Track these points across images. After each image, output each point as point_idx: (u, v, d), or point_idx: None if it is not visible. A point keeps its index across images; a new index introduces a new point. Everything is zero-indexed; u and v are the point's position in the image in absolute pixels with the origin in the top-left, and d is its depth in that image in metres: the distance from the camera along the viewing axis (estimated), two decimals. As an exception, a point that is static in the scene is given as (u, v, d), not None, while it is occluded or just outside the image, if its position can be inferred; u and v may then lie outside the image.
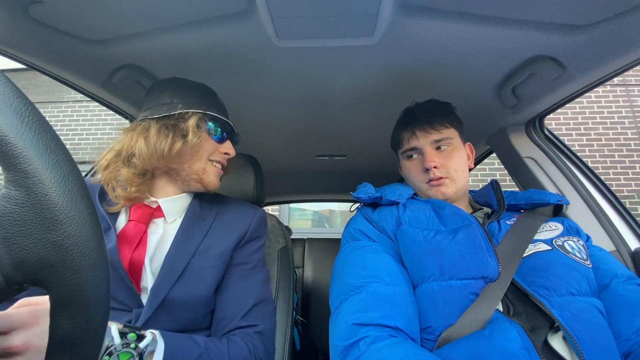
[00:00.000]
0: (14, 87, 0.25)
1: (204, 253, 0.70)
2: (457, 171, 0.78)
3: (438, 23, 0.69)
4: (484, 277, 0.62)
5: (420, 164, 0.80)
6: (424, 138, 0.80)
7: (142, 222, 0.69)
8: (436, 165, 0.77)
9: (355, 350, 0.54)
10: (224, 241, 0.73)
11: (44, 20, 0.68)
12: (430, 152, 0.79)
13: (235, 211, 0.80)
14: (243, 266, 0.74)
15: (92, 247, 0.25)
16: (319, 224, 4.36)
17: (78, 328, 0.25)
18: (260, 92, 1.00)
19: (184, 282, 0.65)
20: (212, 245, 0.72)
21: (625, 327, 0.58)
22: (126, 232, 0.67)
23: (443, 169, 0.77)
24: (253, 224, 0.78)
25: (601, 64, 0.73)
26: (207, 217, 0.76)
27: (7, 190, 0.23)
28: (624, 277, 0.65)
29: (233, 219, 0.78)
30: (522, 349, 0.51)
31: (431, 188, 0.79)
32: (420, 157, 0.81)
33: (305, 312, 1.80)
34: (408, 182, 0.87)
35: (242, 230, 0.76)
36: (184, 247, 0.69)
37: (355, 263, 0.68)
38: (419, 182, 0.81)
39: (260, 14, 0.66)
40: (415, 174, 0.82)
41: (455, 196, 0.79)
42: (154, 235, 0.70)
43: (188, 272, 0.67)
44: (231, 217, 0.79)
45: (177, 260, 0.67)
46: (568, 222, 0.76)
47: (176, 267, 0.66)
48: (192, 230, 0.72)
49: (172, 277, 0.65)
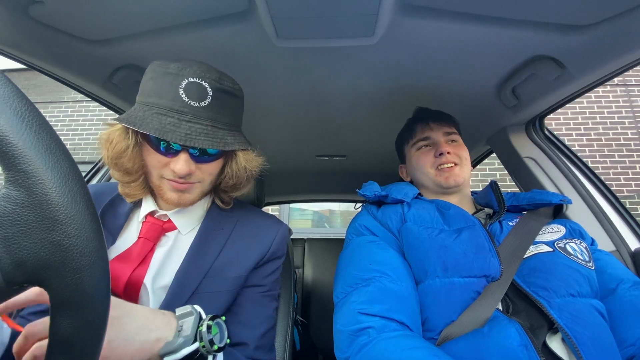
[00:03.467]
0: (14, 87, 0.25)
1: (218, 274, 0.63)
2: (466, 159, 0.85)
3: (438, 23, 0.69)
4: (486, 276, 0.62)
5: (431, 152, 0.85)
6: (437, 129, 0.86)
7: (151, 239, 0.63)
8: (449, 151, 0.82)
9: (365, 336, 0.55)
10: (241, 262, 0.65)
11: (44, 20, 0.68)
12: (443, 141, 0.84)
13: (256, 223, 0.72)
14: (258, 288, 0.67)
15: (92, 248, 0.25)
16: (319, 224, 4.36)
17: (78, 328, 0.25)
18: (260, 92, 1.00)
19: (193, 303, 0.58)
20: (228, 265, 0.64)
21: (631, 332, 0.59)
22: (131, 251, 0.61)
23: (455, 156, 0.83)
24: (275, 243, 0.70)
25: (601, 64, 0.73)
26: (225, 225, 0.69)
27: (7, 190, 0.23)
28: (630, 282, 0.65)
29: (253, 233, 0.70)
30: (520, 346, 0.51)
31: (442, 174, 0.82)
32: (432, 147, 0.86)
33: (305, 312, 1.80)
34: (415, 174, 0.89)
35: (262, 250, 0.68)
36: (197, 265, 0.62)
37: (362, 257, 0.70)
38: (429, 168, 0.84)
39: (260, 14, 0.66)
40: (425, 162, 0.85)
41: (462, 184, 0.82)
42: (161, 249, 0.63)
43: (199, 294, 0.60)
44: (251, 229, 0.70)
45: (188, 280, 0.60)
46: (571, 225, 0.76)
47: (187, 288, 0.60)
48: (207, 243, 0.65)
49: (181, 299, 0.59)
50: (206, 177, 0.63)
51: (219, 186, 0.70)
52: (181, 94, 0.56)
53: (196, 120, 0.56)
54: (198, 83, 0.56)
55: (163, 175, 0.60)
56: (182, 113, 0.56)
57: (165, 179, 0.60)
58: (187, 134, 0.54)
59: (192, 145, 0.54)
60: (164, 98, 0.56)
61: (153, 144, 0.58)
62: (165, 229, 0.65)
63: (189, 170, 0.58)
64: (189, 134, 0.54)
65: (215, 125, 0.58)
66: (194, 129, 0.55)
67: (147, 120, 0.55)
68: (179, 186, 0.60)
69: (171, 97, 0.56)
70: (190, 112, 0.56)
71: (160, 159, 0.59)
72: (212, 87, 0.58)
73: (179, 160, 0.57)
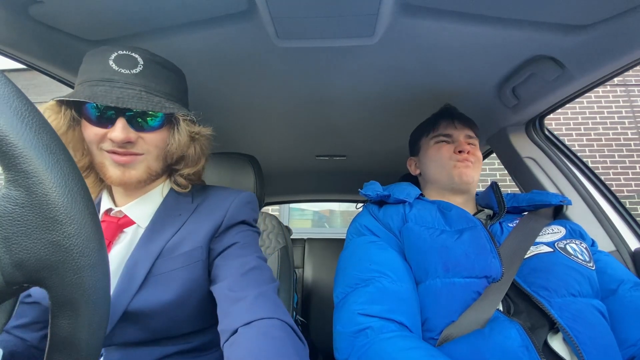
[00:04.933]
0: (14, 87, 0.25)
1: (169, 254, 0.60)
2: (479, 163, 0.86)
3: (438, 23, 0.69)
4: (487, 277, 0.62)
5: (451, 148, 0.86)
6: (461, 129, 0.86)
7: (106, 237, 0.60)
8: (469, 150, 0.83)
9: (363, 337, 0.55)
10: (193, 236, 0.62)
11: (44, 20, 0.68)
12: (464, 141, 0.86)
13: (214, 199, 0.68)
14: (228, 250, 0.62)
15: (92, 248, 0.25)
16: (319, 224, 4.36)
17: (78, 328, 0.25)
18: (261, 92, 1.00)
19: (147, 290, 0.56)
20: (180, 242, 0.61)
21: (632, 332, 0.59)
22: None
23: (472, 156, 0.84)
24: (231, 209, 0.66)
25: (601, 64, 0.73)
26: (183, 211, 0.65)
27: (7, 190, 0.23)
28: (630, 283, 0.66)
29: (211, 208, 0.66)
30: (521, 347, 0.51)
31: (458, 168, 0.82)
32: (451, 145, 0.86)
33: (305, 313, 1.80)
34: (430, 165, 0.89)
35: (217, 220, 0.64)
36: (147, 249, 0.59)
37: (362, 257, 0.70)
38: (447, 161, 0.84)
39: (261, 14, 0.66)
40: (444, 156, 0.85)
41: (472, 185, 0.83)
42: (118, 246, 0.60)
43: (153, 277, 0.57)
44: (209, 206, 0.66)
45: (137, 266, 0.57)
46: (571, 225, 0.76)
47: (137, 275, 0.57)
48: (161, 229, 0.62)
49: (132, 286, 0.56)
50: (151, 148, 0.60)
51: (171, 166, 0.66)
52: (111, 64, 0.55)
53: (128, 87, 0.55)
54: (127, 54, 0.56)
55: (102, 147, 0.57)
56: (113, 81, 0.55)
57: (105, 152, 0.57)
58: (118, 97, 0.53)
59: (124, 107, 0.53)
60: (95, 72, 0.55)
61: (87, 116, 0.56)
62: (122, 225, 0.62)
63: (126, 137, 0.55)
64: (121, 97, 0.53)
65: (150, 92, 0.57)
66: (126, 93, 0.54)
67: (78, 92, 0.54)
68: (120, 159, 0.57)
69: (101, 69, 0.55)
70: (122, 80, 0.55)
71: (97, 130, 0.56)
72: (143, 58, 0.58)
73: (116, 127, 0.55)
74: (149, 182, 0.64)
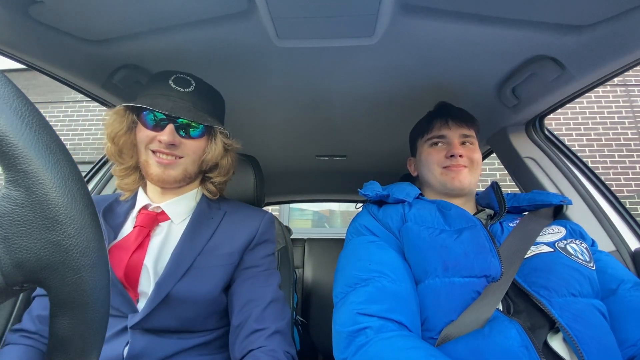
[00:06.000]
0: (14, 87, 0.25)
1: (212, 252, 0.70)
2: (477, 164, 0.83)
3: (438, 23, 0.69)
4: (487, 276, 0.62)
5: (443, 151, 0.84)
6: (455, 129, 0.84)
7: (146, 226, 0.69)
8: (461, 154, 0.81)
9: (362, 337, 0.55)
10: (232, 241, 0.73)
11: (44, 20, 0.68)
12: (457, 142, 0.83)
13: (243, 213, 0.80)
14: (255, 269, 0.73)
15: (92, 248, 0.25)
16: (319, 224, 4.36)
17: (78, 328, 0.25)
18: (260, 92, 1.00)
19: (189, 279, 0.65)
20: (220, 244, 0.71)
21: (632, 333, 0.59)
22: (128, 238, 0.67)
23: (466, 159, 0.81)
24: (262, 226, 0.77)
25: (601, 64, 0.73)
26: (214, 216, 0.76)
27: (7, 190, 0.23)
28: (631, 283, 0.66)
29: (241, 220, 0.77)
30: (520, 347, 0.51)
31: (448, 174, 0.81)
32: (445, 146, 0.84)
33: (305, 313, 1.80)
34: (423, 169, 0.88)
35: (251, 232, 0.75)
36: (191, 245, 0.69)
37: (361, 257, 0.70)
38: (437, 166, 0.83)
39: (261, 14, 0.66)
40: (435, 160, 0.84)
41: (467, 189, 0.81)
42: (158, 237, 0.69)
43: (194, 269, 0.66)
44: (239, 218, 0.78)
45: (183, 257, 0.67)
46: (571, 225, 0.76)
47: (182, 264, 0.66)
48: (200, 228, 0.72)
49: (177, 273, 0.65)
50: (190, 153, 0.71)
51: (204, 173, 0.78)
52: (170, 83, 0.69)
53: (181, 101, 0.68)
54: (184, 77, 0.71)
55: (150, 147, 0.68)
56: (170, 96, 0.68)
57: (151, 152, 0.69)
58: (172, 107, 0.66)
59: (176, 116, 0.66)
60: (157, 87, 0.69)
61: (144, 121, 0.68)
62: (159, 219, 0.72)
63: (173, 140, 0.67)
64: (175, 108, 0.66)
65: (197, 107, 0.70)
66: (178, 105, 0.67)
67: (141, 101, 0.67)
68: (163, 160, 0.68)
69: (162, 86, 0.69)
70: (177, 95, 0.68)
71: (149, 133, 0.68)
72: (195, 81, 0.72)
73: (165, 130, 0.67)
74: (183, 183, 0.74)
